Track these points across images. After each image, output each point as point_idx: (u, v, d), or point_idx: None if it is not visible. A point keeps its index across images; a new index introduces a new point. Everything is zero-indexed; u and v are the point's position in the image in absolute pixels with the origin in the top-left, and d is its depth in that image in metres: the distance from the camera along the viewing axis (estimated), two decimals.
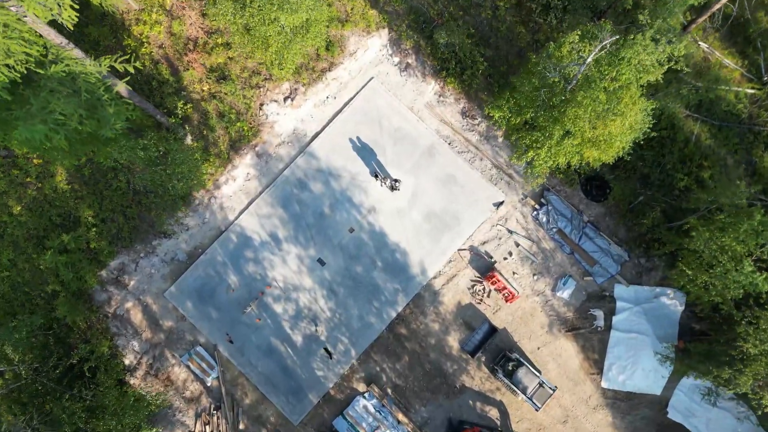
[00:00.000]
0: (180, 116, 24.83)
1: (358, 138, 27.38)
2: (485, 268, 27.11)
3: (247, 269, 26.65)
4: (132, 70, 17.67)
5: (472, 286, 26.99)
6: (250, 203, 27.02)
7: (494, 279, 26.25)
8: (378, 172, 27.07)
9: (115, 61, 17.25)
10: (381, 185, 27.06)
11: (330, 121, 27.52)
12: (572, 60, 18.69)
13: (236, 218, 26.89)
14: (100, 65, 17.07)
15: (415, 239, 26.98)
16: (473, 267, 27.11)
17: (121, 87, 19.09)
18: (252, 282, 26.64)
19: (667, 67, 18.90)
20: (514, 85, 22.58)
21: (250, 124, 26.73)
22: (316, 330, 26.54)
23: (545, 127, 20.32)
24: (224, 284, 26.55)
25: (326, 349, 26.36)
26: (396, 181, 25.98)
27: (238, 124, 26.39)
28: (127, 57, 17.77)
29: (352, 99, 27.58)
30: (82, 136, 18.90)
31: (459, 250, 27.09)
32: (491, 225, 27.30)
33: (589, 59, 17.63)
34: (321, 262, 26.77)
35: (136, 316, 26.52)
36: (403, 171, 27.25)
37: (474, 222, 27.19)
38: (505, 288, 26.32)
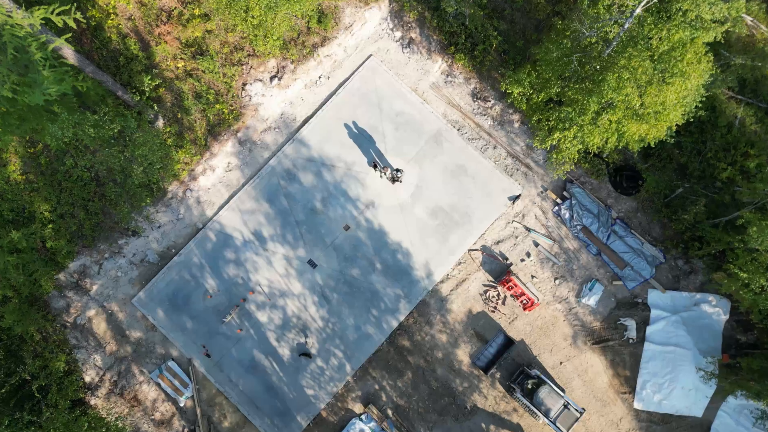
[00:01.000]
0: (147, 93, 21.49)
1: (354, 123, 24.07)
2: (500, 271, 23.69)
3: (227, 272, 23.27)
4: (73, 24, 14.40)
5: (485, 292, 23.57)
6: (231, 197, 23.68)
7: (510, 284, 22.84)
8: (377, 161, 23.75)
9: (52, 13, 13.96)
10: (381, 177, 23.73)
11: (323, 104, 24.23)
12: (612, 16, 15.36)
13: (215, 214, 23.53)
14: (32, 16, 13.76)
15: (420, 238, 23.60)
16: (486, 270, 23.69)
17: (66, 50, 15.78)
18: (233, 287, 23.24)
19: (726, 26, 15.57)
20: (535, 56, 19.28)
21: (231, 106, 23.43)
22: (306, 342, 23.11)
23: (577, 101, 16.98)
24: (201, 290, 23.15)
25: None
26: (397, 171, 22.62)
27: (217, 106, 23.09)
28: (66, 8, 14.47)
29: (347, 79, 24.30)
30: (18, 109, 15.61)
31: (470, 250, 23.68)
32: (506, 222, 23.91)
33: (638, 10, 14.28)
34: (312, 264, 23.38)
35: (100, 326, 23.10)
36: (406, 161, 23.92)
37: (487, 218, 23.80)
38: (522, 294, 22.90)
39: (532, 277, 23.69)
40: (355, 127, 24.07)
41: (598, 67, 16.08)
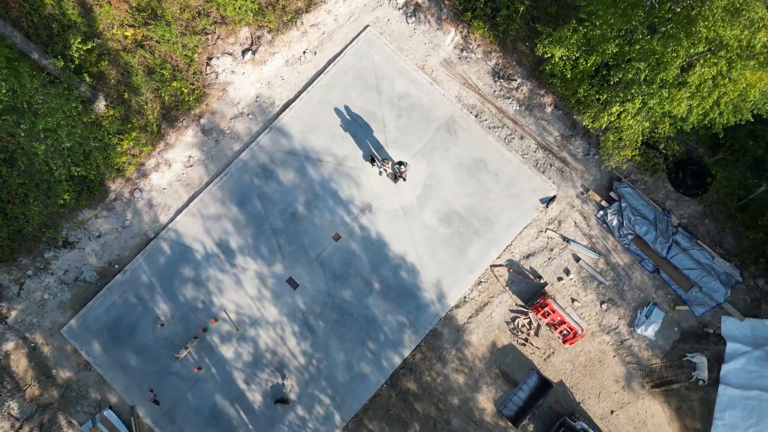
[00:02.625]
0: (76, 60, 16.77)
1: (347, 109, 19.34)
2: (531, 292, 18.63)
3: (184, 295, 18.26)
4: None
5: (513, 320, 18.48)
6: (191, 199, 18.83)
7: (546, 309, 17.77)
8: (375, 155, 18.96)
9: None
10: (380, 173, 18.90)
11: (308, 85, 19.56)
12: None
13: (171, 220, 18.64)
14: None
15: (429, 251, 18.62)
16: (514, 292, 18.63)
17: None
18: (191, 313, 18.19)
19: None
20: (584, 8, 14.59)
21: (192, 85, 18.74)
22: (283, 385, 17.95)
23: (652, 53, 12.15)
24: (150, 317, 18.11)
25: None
26: (400, 164, 17.76)
27: (175, 84, 18.39)
28: None
29: (339, 55, 19.68)
30: None
31: (492, 266, 18.67)
32: (538, 231, 18.94)
33: None
34: (292, 283, 18.37)
35: (19, 364, 18.01)
36: (411, 154, 19.12)
37: (514, 226, 18.85)
38: (562, 322, 17.82)
39: (573, 300, 18.60)
40: (347, 113, 19.32)
41: (686, 4, 11.31)
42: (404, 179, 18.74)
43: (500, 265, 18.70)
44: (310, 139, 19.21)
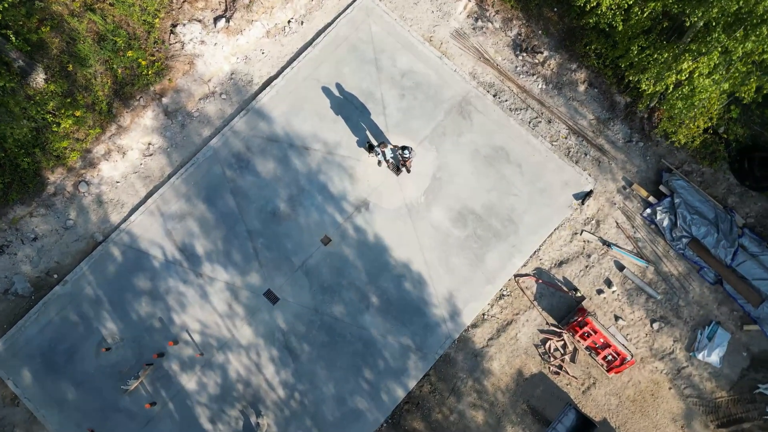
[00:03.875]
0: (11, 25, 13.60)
1: (339, 87, 16.14)
2: (566, 309, 15.14)
3: (136, 311, 14.80)
4: None
5: (544, 343, 14.95)
6: (150, 194, 15.50)
7: (585, 329, 14.26)
8: (373, 141, 15.65)
9: None
10: (379, 163, 15.59)
11: (293, 60, 16.39)
12: None
13: (124, 220, 15.28)
14: None
15: (439, 257, 15.19)
16: (544, 308, 15.15)
17: None
18: (144, 334, 14.71)
19: None
20: None
21: (153, 56, 15.54)
22: (258, 424, 14.34)
23: None
24: (94, 339, 14.63)
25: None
26: (404, 149, 14.40)
27: (130, 54, 15.19)
28: None
29: (331, 24, 16.55)
30: None
31: (517, 276, 15.22)
32: (572, 233, 15.53)
33: None
34: (271, 297, 14.92)
35: None
36: (417, 141, 15.83)
37: (542, 228, 15.45)
38: (606, 346, 14.30)
39: (617, 318, 15.10)
40: (340, 92, 16.10)
41: None
42: (408, 170, 15.42)
43: (527, 275, 15.25)
44: (295, 123, 15.94)
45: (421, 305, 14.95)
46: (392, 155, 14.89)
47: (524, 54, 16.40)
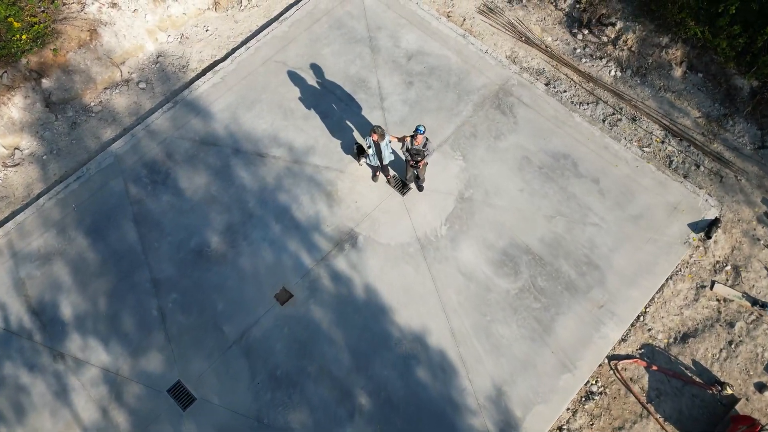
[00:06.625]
0: None
1: (317, 72, 10.88)
2: (707, 416, 8.45)
3: None
4: None
5: None
6: (3, 222, 9.53)
7: None
8: (363, 143, 9.92)
9: None
10: (373, 175, 9.80)
11: (250, 39, 11.31)
12: None
13: None
14: None
15: (476, 326, 8.82)
16: (664, 413, 8.46)
17: None
18: None
19: None
20: None
21: (34, 17, 10.38)
22: None
23: None
24: None
25: None
26: (415, 135, 8.61)
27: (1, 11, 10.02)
28: None
29: None
30: None
31: (614, 359, 8.72)
32: (697, 285, 9.30)
33: None
34: (181, 395, 8.33)
35: None
36: (434, 145, 10.09)
37: (646, 275, 9.23)
38: None
39: None
40: (317, 79, 10.78)
41: None
42: (421, 186, 9.59)
43: (630, 357, 8.77)
44: (246, 120, 10.42)
45: (447, 409, 8.30)
46: (393, 153, 9.14)
47: (584, 31, 11.30)
